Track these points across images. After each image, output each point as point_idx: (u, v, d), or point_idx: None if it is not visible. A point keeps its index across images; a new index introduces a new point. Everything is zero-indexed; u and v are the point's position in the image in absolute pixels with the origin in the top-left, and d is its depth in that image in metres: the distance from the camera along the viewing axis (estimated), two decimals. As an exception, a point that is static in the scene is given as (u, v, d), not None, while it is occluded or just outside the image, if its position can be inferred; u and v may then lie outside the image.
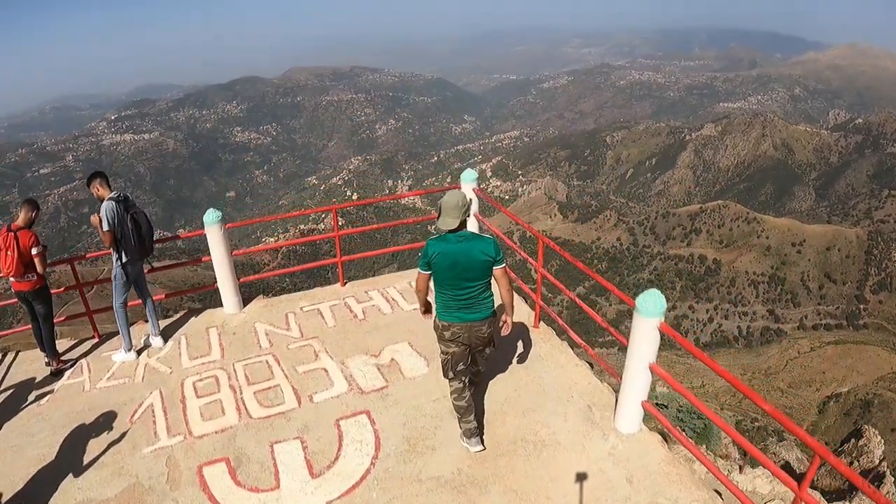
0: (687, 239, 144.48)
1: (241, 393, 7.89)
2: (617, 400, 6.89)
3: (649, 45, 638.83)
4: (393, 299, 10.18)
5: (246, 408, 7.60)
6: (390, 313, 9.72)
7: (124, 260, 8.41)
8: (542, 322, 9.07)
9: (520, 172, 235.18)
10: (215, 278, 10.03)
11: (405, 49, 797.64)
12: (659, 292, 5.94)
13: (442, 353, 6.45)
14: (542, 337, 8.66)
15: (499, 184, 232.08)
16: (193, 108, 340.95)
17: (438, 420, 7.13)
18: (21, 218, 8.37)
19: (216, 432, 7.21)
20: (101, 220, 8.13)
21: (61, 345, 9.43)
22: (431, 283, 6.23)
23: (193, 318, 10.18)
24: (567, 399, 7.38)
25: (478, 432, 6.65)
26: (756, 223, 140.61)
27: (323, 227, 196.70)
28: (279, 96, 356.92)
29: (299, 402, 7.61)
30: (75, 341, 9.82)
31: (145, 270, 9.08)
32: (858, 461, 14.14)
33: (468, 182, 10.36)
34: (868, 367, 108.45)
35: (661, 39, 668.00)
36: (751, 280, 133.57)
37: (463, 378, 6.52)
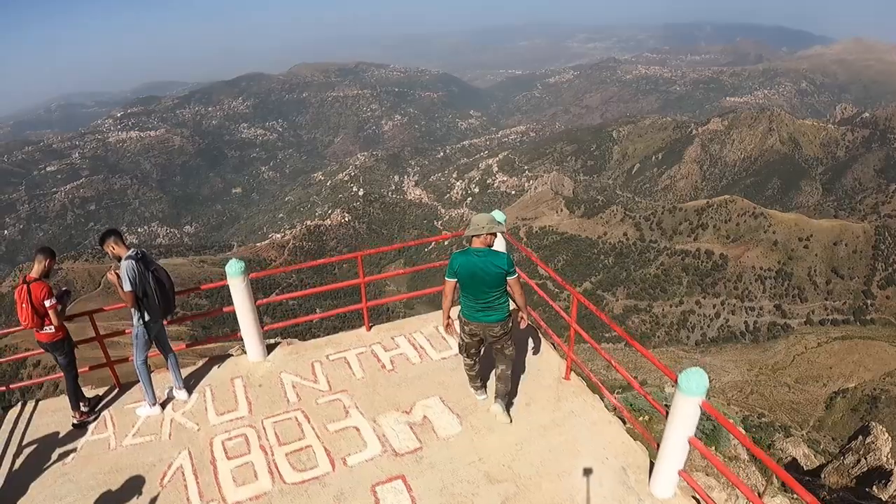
0: (694, 234, 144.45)
1: (272, 454, 7.69)
2: (653, 465, 6.81)
3: (655, 39, 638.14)
4: (421, 347, 9.93)
5: (279, 471, 7.40)
6: (419, 363, 9.52)
7: (147, 319, 8.07)
8: (572, 373, 8.97)
9: (526, 167, 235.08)
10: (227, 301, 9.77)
11: (410, 44, 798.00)
12: (702, 371, 5.82)
13: (461, 338, 7.75)
14: (574, 390, 8.52)
15: (505, 179, 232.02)
16: (199, 105, 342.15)
17: (475, 486, 6.98)
18: (34, 269, 8.00)
19: (250, 499, 7.03)
20: (121, 280, 7.84)
21: (84, 393, 9.27)
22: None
23: (216, 366, 9.85)
24: (602, 461, 7.25)
25: (482, 386, 8.41)
26: (763, 218, 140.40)
27: (329, 222, 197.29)
28: (285, 92, 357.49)
29: (333, 466, 7.44)
30: (102, 390, 9.66)
31: (165, 323, 8.88)
32: (866, 459, 14.08)
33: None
34: (875, 363, 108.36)
35: (667, 34, 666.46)
36: (758, 275, 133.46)
37: (474, 357, 7.96)
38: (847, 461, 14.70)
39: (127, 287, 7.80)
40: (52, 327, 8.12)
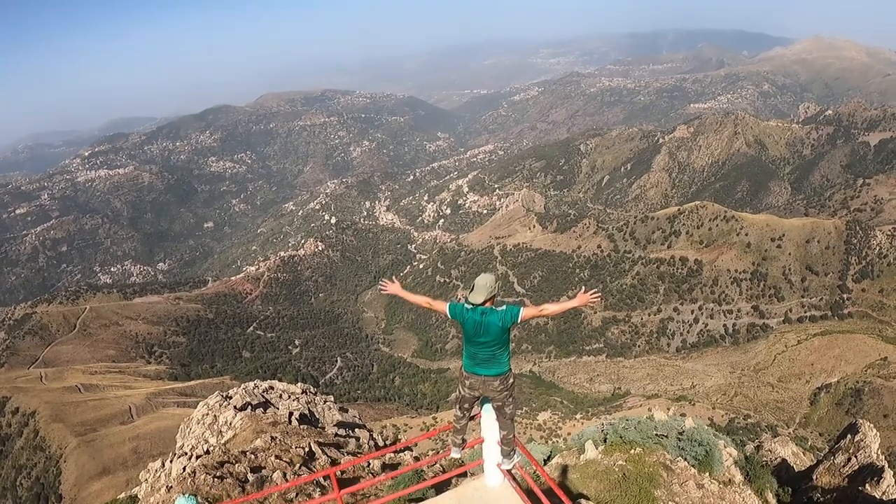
0: (667, 241, 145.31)
1: None
2: None
3: (618, 50, 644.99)
4: None
5: None
6: None
7: None
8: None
9: (496, 186, 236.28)
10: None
11: (375, 68, 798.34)
12: None
13: (459, 391, 7.64)
14: None
15: (476, 199, 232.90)
16: (167, 141, 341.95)
17: None
18: None
19: None
20: None
21: None
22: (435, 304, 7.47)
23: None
24: None
25: (461, 444, 8.05)
26: (734, 221, 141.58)
27: (303, 252, 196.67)
28: (252, 124, 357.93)
29: None
30: None
31: None
32: (856, 457, 13.94)
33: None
34: (856, 356, 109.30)
35: (630, 43, 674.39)
36: (733, 278, 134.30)
37: (466, 412, 7.83)
38: (838, 460, 14.56)
39: None
40: None
